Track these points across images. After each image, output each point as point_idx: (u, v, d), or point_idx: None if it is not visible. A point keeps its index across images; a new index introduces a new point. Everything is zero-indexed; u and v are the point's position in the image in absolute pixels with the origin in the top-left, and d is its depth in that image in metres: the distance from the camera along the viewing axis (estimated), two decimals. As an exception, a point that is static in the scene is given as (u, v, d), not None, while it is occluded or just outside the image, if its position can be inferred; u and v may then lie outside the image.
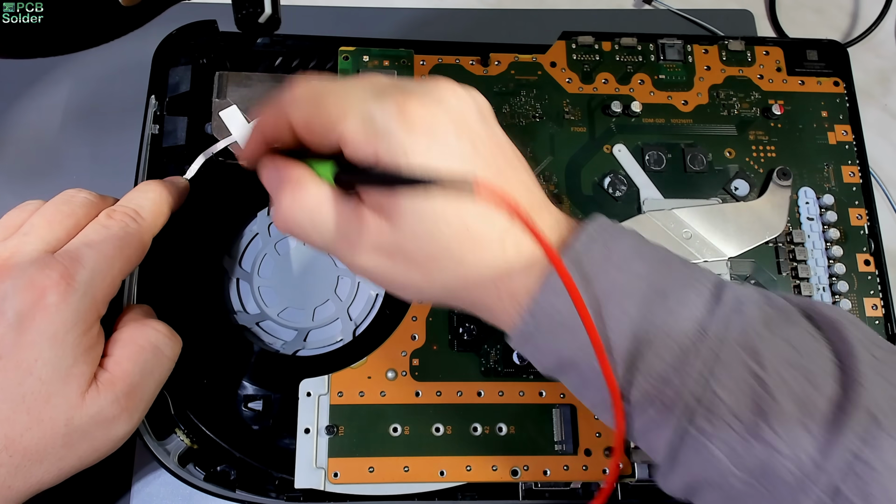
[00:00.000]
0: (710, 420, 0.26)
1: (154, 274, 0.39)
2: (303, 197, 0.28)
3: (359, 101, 0.27)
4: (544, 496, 0.37)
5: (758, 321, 0.27)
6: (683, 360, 0.26)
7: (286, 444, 0.38)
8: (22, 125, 0.47)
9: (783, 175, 0.43)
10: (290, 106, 0.29)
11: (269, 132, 0.30)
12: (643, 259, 0.28)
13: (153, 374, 0.32)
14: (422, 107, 0.26)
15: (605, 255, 0.27)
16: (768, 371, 0.26)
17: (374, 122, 0.26)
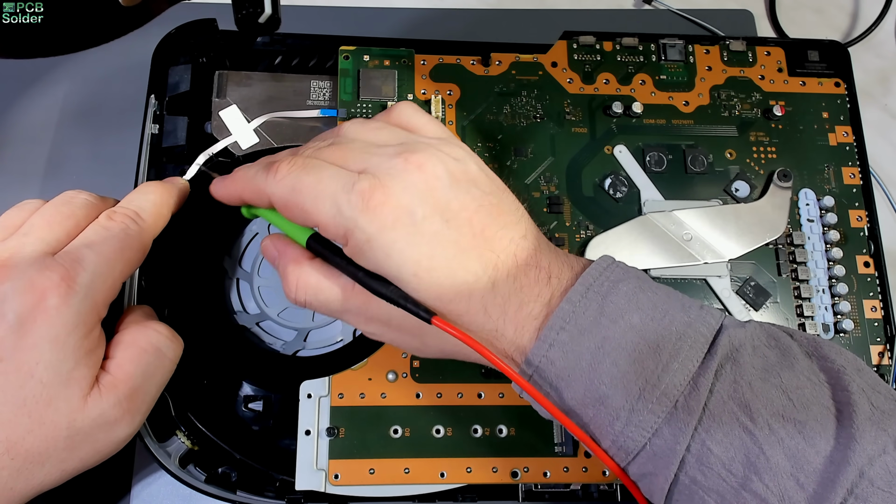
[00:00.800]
0: (703, 472, 0.26)
1: (155, 274, 0.39)
2: (306, 279, 0.32)
3: (330, 194, 0.29)
4: (544, 498, 0.37)
5: (752, 369, 0.27)
6: (674, 415, 0.27)
7: (286, 445, 0.38)
8: (22, 125, 0.47)
9: (784, 176, 0.43)
10: (271, 190, 0.31)
11: (249, 197, 0.33)
12: (640, 309, 0.28)
13: (155, 376, 0.32)
14: (386, 196, 0.29)
15: (599, 308, 0.28)
16: (759, 425, 0.26)
17: (342, 213, 0.29)
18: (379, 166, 0.29)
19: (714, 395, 0.27)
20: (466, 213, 0.29)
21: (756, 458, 0.26)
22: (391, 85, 0.43)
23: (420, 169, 0.29)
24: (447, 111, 0.43)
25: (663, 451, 0.27)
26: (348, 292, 0.31)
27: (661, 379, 0.27)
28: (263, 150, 0.42)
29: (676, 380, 0.27)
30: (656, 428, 0.27)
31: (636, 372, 0.27)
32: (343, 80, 0.43)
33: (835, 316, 0.41)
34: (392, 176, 0.29)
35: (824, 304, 0.41)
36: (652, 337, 0.27)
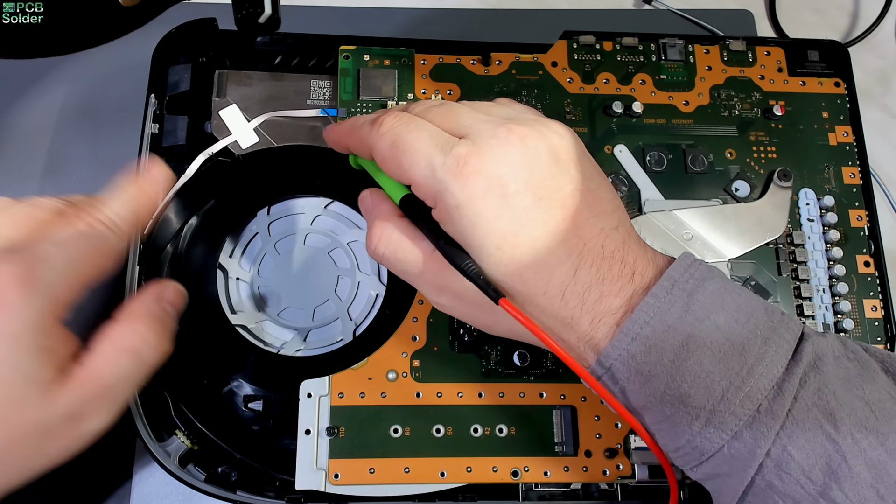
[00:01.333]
0: (781, 477, 0.26)
1: (154, 274, 0.39)
2: (389, 233, 0.32)
3: (427, 154, 0.29)
4: (545, 497, 0.37)
5: (835, 379, 0.27)
6: (756, 419, 0.26)
7: (286, 445, 0.38)
8: (22, 125, 0.47)
9: (784, 176, 0.43)
10: (373, 142, 0.31)
11: (354, 146, 0.34)
12: (725, 309, 0.28)
13: (129, 378, 0.30)
14: (482, 164, 0.28)
15: (685, 305, 0.27)
16: (842, 434, 0.26)
17: (435, 175, 0.29)
18: (480, 133, 0.29)
19: (798, 401, 0.26)
20: (561, 194, 0.29)
21: (838, 466, 0.25)
22: (391, 84, 0.43)
23: (522, 141, 0.29)
24: (447, 111, 0.43)
25: (741, 455, 0.26)
26: (427, 256, 0.31)
27: (746, 381, 0.26)
28: (263, 149, 0.42)
29: (762, 383, 0.26)
30: (737, 430, 0.26)
31: (721, 373, 0.26)
32: (343, 79, 0.43)
33: (835, 315, 0.41)
34: (491, 145, 0.28)
35: (825, 304, 0.41)
36: (737, 339, 0.27)
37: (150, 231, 0.39)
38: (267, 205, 0.43)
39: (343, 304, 0.42)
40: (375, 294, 0.42)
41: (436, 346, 0.38)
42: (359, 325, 0.41)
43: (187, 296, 0.35)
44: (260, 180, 0.43)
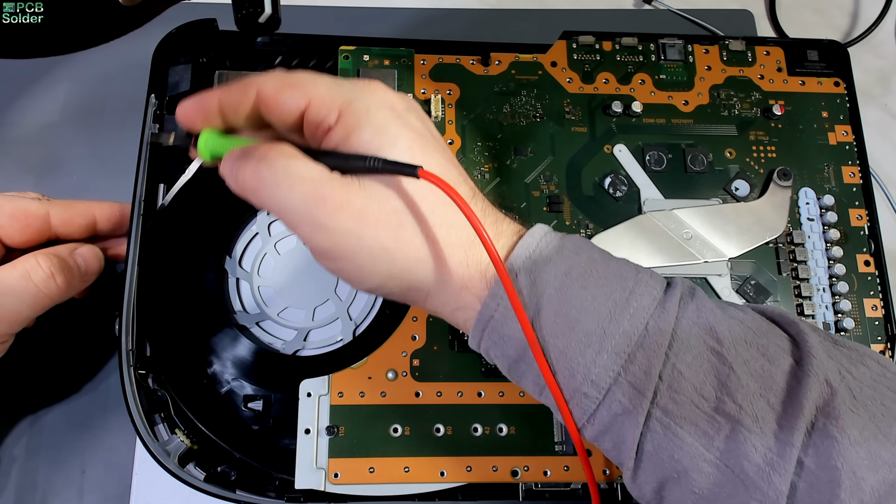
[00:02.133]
0: (675, 399, 0.26)
1: (155, 274, 0.39)
2: (279, 150, 0.28)
3: (327, 76, 0.29)
4: (544, 497, 0.37)
5: (710, 303, 0.28)
6: (646, 338, 0.26)
7: (286, 445, 0.38)
8: (22, 125, 0.47)
9: (783, 175, 0.43)
10: (263, 77, 0.29)
11: (227, 99, 0.30)
12: (594, 249, 0.29)
13: (15, 290, 0.34)
14: (385, 87, 0.29)
15: (559, 242, 0.28)
16: (726, 347, 0.26)
17: (340, 86, 0.29)
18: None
19: (681, 320, 0.27)
20: (441, 140, 0.30)
21: (727, 378, 0.26)
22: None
23: (410, 98, 0.30)
24: (447, 111, 0.43)
25: (638, 379, 0.26)
26: (325, 171, 0.28)
27: (630, 302, 0.27)
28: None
29: (645, 302, 0.27)
30: (629, 352, 0.26)
31: (605, 295, 0.27)
32: (343, 79, 0.43)
33: (835, 314, 0.41)
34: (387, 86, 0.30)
35: (825, 303, 0.41)
36: (613, 268, 0.28)
37: (151, 230, 0.39)
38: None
39: (343, 304, 0.42)
40: (375, 294, 0.42)
41: (435, 346, 0.38)
42: (358, 324, 0.41)
43: (103, 262, 0.38)
44: None
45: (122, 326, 0.36)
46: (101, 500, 0.39)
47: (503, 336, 0.28)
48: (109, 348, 0.42)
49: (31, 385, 0.41)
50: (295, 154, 0.28)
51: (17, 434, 0.40)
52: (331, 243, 0.28)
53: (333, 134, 0.28)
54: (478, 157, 0.42)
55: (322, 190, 0.27)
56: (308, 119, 0.29)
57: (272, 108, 0.29)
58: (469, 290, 0.28)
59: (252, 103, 0.29)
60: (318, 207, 0.27)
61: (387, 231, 0.28)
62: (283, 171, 0.28)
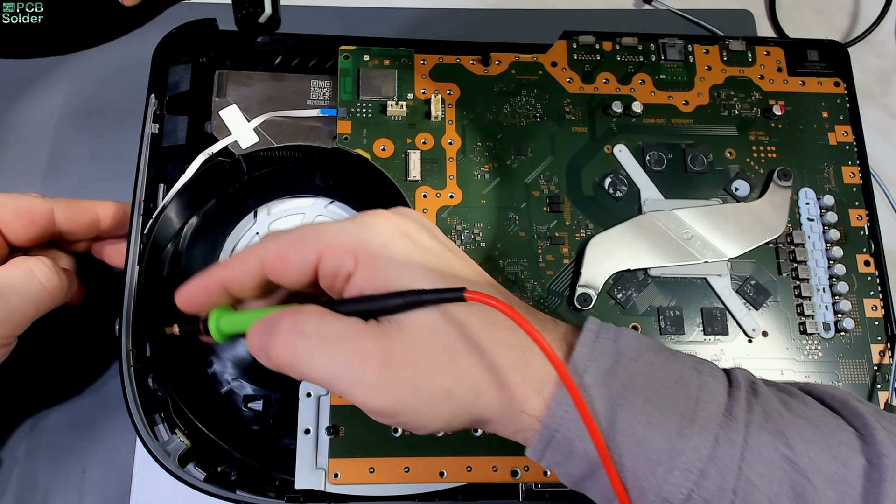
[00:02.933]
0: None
1: (155, 273, 0.39)
2: (306, 313, 0.27)
3: (325, 223, 0.28)
4: (544, 497, 0.37)
5: (774, 400, 0.27)
6: (717, 451, 0.25)
7: (286, 445, 0.38)
8: (22, 125, 0.47)
9: (784, 175, 0.43)
10: (263, 245, 0.29)
11: (229, 276, 0.29)
12: (650, 349, 0.27)
13: (18, 289, 0.34)
14: (390, 216, 0.28)
15: (614, 348, 0.27)
16: (798, 453, 0.25)
17: (347, 231, 0.27)
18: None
19: (750, 427, 0.25)
20: (457, 252, 0.29)
21: (802, 488, 0.25)
22: (391, 84, 0.43)
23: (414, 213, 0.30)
24: (447, 111, 0.43)
25: (712, 495, 0.25)
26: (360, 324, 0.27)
27: (697, 413, 0.25)
28: (263, 149, 0.42)
29: (712, 411, 0.25)
30: (701, 467, 0.25)
31: (670, 408, 0.25)
32: (343, 79, 0.43)
33: (835, 315, 0.41)
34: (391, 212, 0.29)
35: (825, 303, 0.41)
36: (674, 374, 0.26)
37: (151, 230, 0.39)
38: (267, 205, 0.43)
39: (343, 304, 0.42)
40: (375, 294, 0.42)
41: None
42: (359, 324, 0.41)
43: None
44: (260, 180, 0.43)
45: (122, 327, 0.36)
46: (101, 500, 0.39)
47: (566, 455, 0.26)
48: (109, 348, 0.42)
49: (31, 385, 0.41)
50: (323, 314, 0.27)
51: (17, 434, 0.40)
52: (388, 401, 0.26)
53: (356, 280, 0.27)
54: (478, 157, 0.42)
55: (363, 346, 0.26)
56: (323, 272, 0.27)
57: (281, 273, 0.28)
58: (527, 413, 0.26)
59: (257, 274, 0.28)
60: (365, 367, 0.25)
61: (442, 372, 0.26)
62: (318, 337, 0.26)
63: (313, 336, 0.26)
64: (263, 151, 0.42)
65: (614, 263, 0.40)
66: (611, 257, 0.40)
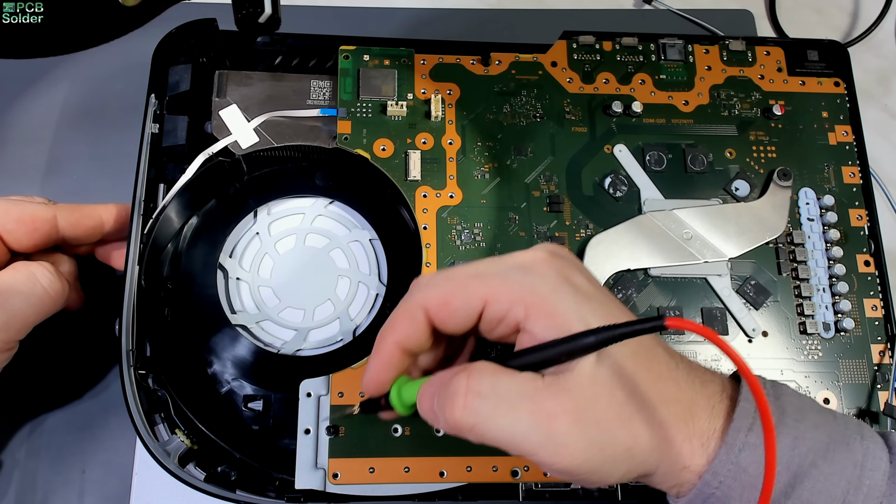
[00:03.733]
0: None
1: (155, 273, 0.39)
2: (480, 371, 0.26)
3: (487, 264, 0.27)
4: (544, 497, 0.37)
5: None
6: None
7: (286, 445, 0.38)
8: (22, 125, 0.47)
9: (784, 175, 0.43)
10: (423, 292, 0.28)
11: (401, 333, 0.28)
12: (812, 409, 0.27)
13: (21, 293, 0.34)
14: (545, 256, 0.27)
15: (779, 407, 0.26)
16: None
17: (510, 274, 0.27)
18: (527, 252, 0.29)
19: None
20: (605, 288, 0.29)
21: None
22: (391, 84, 0.43)
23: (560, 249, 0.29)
24: (447, 111, 0.43)
25: None
26: (537, 380, 0.26)
27: (862, 480, 0.25)
28: (263, 149, 0.42)
29: (876, 479, 0.25)
30: None
31: (837, 473, 0.25)
32: (343, 79, 0.43)
33: (835, 315, 0.41)
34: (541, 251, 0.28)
35: (825, 303, 0.41)
36: (837, 435, 0.26)
37: (151, 230, 0.39)
38: (267, 205, 0.43)
39: (342, 304, 0.42)
40: (375, 294, 0.42)
41: (436, 346, 0.38)
42: (358, 324, 0.41)
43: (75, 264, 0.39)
44: (260, 180, 0.43)
45: (122, 326, 0.36)
46: (101, 500, 0.39)
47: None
48: (109, 349, 0.42)
49: (31, 385, 0.41)
50: (496, 371, 0.26)
51: (17, 435, 0.40)
52: (575, 462, 0.25)
53: (532, 327, 0.26)
54: (478, 157, 0.42)
55: (548, 406, 0.25)
56: (487, 318, 0.27)
57: (446, 321, 0.27)
58: (689, 468, 0.26)
59: (425, 324, 0.28)
60: (552, 428, 0.25)
61: (623, 430, 0.25)
62: (496, 398, 0.25)
63: (491, 396, 0.25)
64: (263, 151, 0.42)
65: (614, 263, 0.40)
66: (611, 257, 0.40)
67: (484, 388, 0.25)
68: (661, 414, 0.26)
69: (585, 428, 0.25)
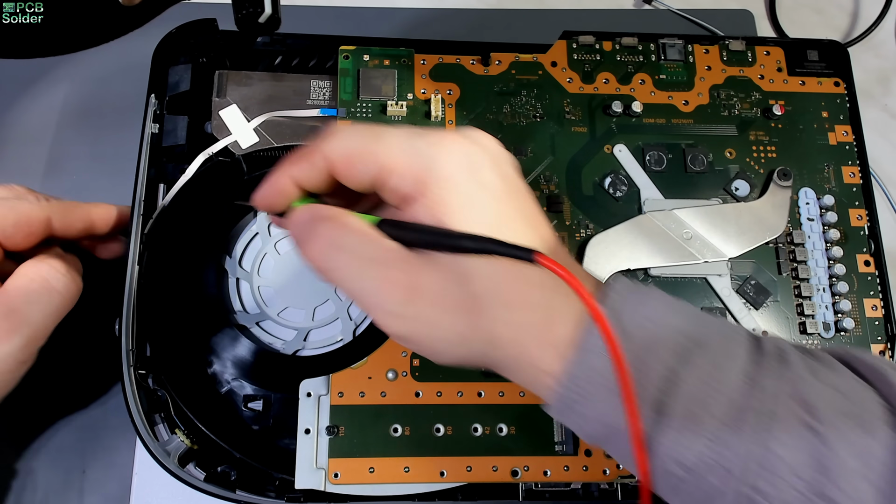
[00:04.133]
0: (769, 480, 0.24)
1: (155, 273, 0.39)
2: (348, 226, 0.27)
3: (398, 133, 0.27)
4: (544, 497, 0.37)
5: (804, 369, 0.26)
6: (735, 418, 0.24)
7: (286, 445, 0.38)
8: (22, 125, 0.47)
9: (784, 175, 0.43)
10: (330, 140, 0.28)
11: (298, 172, 0.28)
12: (677, 312, 0.27)
13: (39, 302, 0.33)
14: (462, 142, 0.27)
15: (640, 312, 0.26)
16: (825, 424, 0.24)
17: (415, 149, 0.27)
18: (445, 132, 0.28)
19: (774, 394, 0.25)
20: (526, 193, 0.28)
21: (826, 459, 0.24)
22: (391, 84, 0.43)
23: (488, 137, 0.28)
24: (447, 111, 0.43)
25: (730, 463, 0.24)
26: (400, 252, 0.27)
27: (717, 378, 0.25)
28: (263, 149, 0.42)
29: (733, 378, 0.25)
30: (716, 433, 0.24)
31: (689, 373, 0.25)
32: (343, 79, 0.43)
33: (835, 314, 0.41)
34: (461, 131, 0.28)
35: (825, 303, 0.41)
36: (697, 337, 0.26)
37: (151, 230, 0.39)
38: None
39: (343, 304, 0.42)
40: (375, 294, 0.42)
41: (436, 346, 0.38)
42: (359, 324, 0.41)
43: None
44: (260, 180, 0.43)
45: (122, 326, 0.36)
46: (101, 500, 0.39)
47: (585, 416, 0.26)
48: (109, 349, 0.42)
49: (31, 386, 0.41)
50: (366, 234, 0.27)
51: (17, 434, 0.40)
52: (405, 331, 0.26)
53: (415, 208, 0.27)
54: (478, 157, 0.42)
55: (393, 275, 0.26)
56: (382, 184, 0.27)
57: (345, 178, 0.28)
58: (542, 370, 0.26)
59: (325, 172, 0.28)
60: (389, 295, 0.26)
61: (461, 318, 0.26)
62: (353, 255, 0.26)
63: (349, 253, 0.26)
64: (263, 151, 0.42)
65: (614, 263, 0.40)
66: (611, 257, 0.40)
67: (345, 244, 0.27)
68: (513, 316, 0.26)
69: (421, 305, 0.26)
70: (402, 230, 0.27)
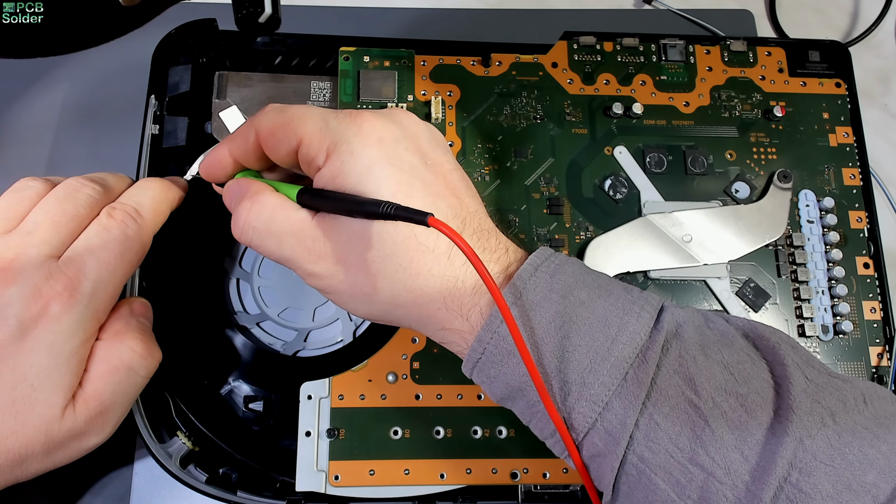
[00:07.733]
0: (651, 448, 0.27)
1: (155, 274, 0.39)
2: (261, 204, 0.31)
3: (318, 111, 0.31)
4: (544, 499, 0.37)
5: (695, 345, 0.28)
6: (623, 388, 0.27)
7: (287, 446, 0.38)
8: (21, 125, 0.47)
9: (784, 177, 0.43)
10: (260, 116, 0.31)
11: (234, 146, 0.32)
12: (585, 286, 0.29)
13: (126, 393, 0.33)
14: (375, 119, 0.30)
15: (548, 284, 0.28)
16: (703, 399, 0.27)
17: (328, 125, 0.30)
18: (363, 112, 0.31)
19: (661, 369, 0.27)
20: (442, 168, 0.31)
21: (702, 430, 0.26)
22: (391, 86, 0.43)
23: (408, 117, 0.32)
24: (447, 112, 0.43)
25: (614, 427, 0.27)
26: (305, 222, 0.30)
27: (611, 351, 0.27)
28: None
29: (626, 352, 0.27)
30: (607, 401, 0.27)
31: (587, 345, 0.27)
32: (343, 80, 0.43)
33: (834, 317, 0.41)
34: (382, 112, 0.31)
35: (824, 306, 0.41)
36: (600, 312, 0.28)
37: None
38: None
39: (343, 305, 0.42)
40: (375, 295, 0.42)
41: (435, 349, 0.39)
42: (359, 325, 0.41)
43: (151, 308, 0.36)
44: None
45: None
46: (101, 500, 0.39)
47: (491, 376, 0.29)
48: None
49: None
50: (275, 208, 0.31)
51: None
52: (319, 285, 0.31)
53: (322, 174, 0.30)
54: (478, 159, 0.42)
55: (307, 244, 0.30)
56: (300, 157, 0.31)
57: (270, 151, 0.31)
58: (451, 332, 0.29)
59: (256, 145, 0.32)
60: (302, 258, 0.30)
61: (365, 279, 0.29)
62: (267, 232, 0.31)
63: (263, 231, 0.31)
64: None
65: (614, 266, 0.40)
66: (611, 260, 0.40)
67: (259, 224, 0.31)
68: (413, 283, 0.28)
69: (330, 265, 0.30)
70: (315, 198, 0.30)
